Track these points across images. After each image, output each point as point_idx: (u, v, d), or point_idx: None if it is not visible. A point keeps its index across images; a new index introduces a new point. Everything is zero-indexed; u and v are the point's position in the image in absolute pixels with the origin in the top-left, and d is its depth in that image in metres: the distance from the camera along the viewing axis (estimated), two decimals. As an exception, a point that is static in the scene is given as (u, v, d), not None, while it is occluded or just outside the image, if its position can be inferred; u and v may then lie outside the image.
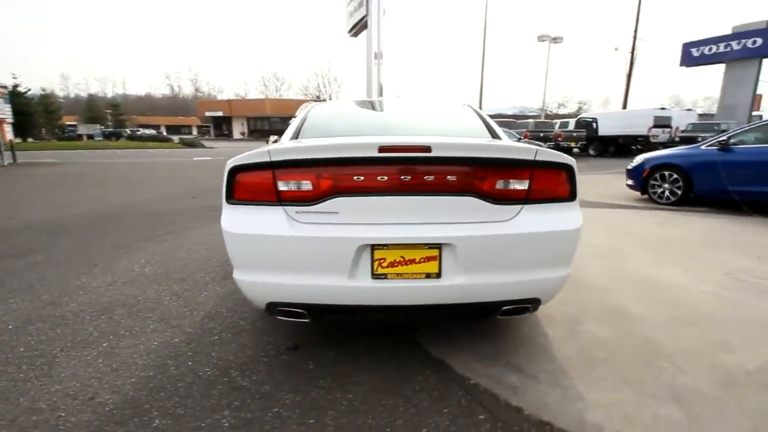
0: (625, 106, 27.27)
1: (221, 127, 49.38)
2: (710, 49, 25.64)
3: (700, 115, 25.31)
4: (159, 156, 17.69)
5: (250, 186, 1.70)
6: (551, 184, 1.72)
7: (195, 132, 60.59)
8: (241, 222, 1.69)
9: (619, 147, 18.72)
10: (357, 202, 1.63)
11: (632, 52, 26.88)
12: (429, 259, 1.62)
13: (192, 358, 1.92)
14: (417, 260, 1.62)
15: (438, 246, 1.61)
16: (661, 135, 18.34)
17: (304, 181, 1.65)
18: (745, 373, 1.71)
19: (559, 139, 16.87)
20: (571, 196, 1.76)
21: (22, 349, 2.02)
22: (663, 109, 19.58)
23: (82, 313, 2.42)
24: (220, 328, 2.23)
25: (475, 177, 1.64)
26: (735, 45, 23.87)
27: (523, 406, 1.52)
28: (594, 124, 19.12)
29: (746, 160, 5.24)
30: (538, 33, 23.94)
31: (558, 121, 20.77)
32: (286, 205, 1.67)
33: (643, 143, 17.86)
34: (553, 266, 1.71)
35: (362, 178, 1.62)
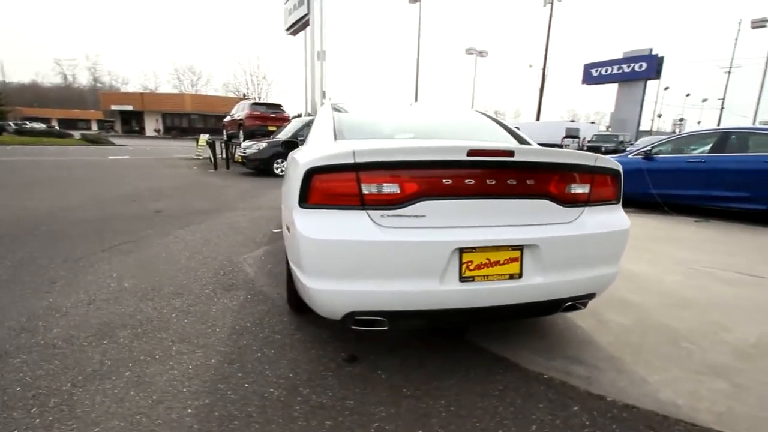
0: (538, 118, 30.28)
1: (130, 123, 44.32)
2: (606, 70, 29.67)
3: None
4: (65, 154, 15.36)
5: (331, 189, 1.60)
6: (605, 188, 1.88)
7: (95, 127, 53.67)
8: (321, 228, 1.57)
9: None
10: (445, 206, 1.62)
11: (544, 70, 29.96)
12: (512, 260, 1.67)
13: (245, 379, 1.74)
14: (501, 262, 1.66)
15: (520, 247, 1.67)
16: (572, 144, 20.76)
17: (389, 184, 1.59)
18: (751, 347, 2.04)
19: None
20: (618, 198, 1.94)
21: (18, 389, 1.64)
22: (572, 121, 22.13)
23: (74, 339, 2.04)
24: (257, 344, 2.04)
25: (549, 181, 1.73)
26: (626, 68, 27.93)
27: (604, 394, 1.64)
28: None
29: (666, 168, 6.16)
30: (466, 46, 25.54)
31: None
32: (370, 209, 1.59)
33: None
34: (609, 263, 1.87)
35: (450, 181, 1.61)
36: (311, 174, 1.61)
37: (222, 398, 1.61)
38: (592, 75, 29.90)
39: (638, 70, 27.29)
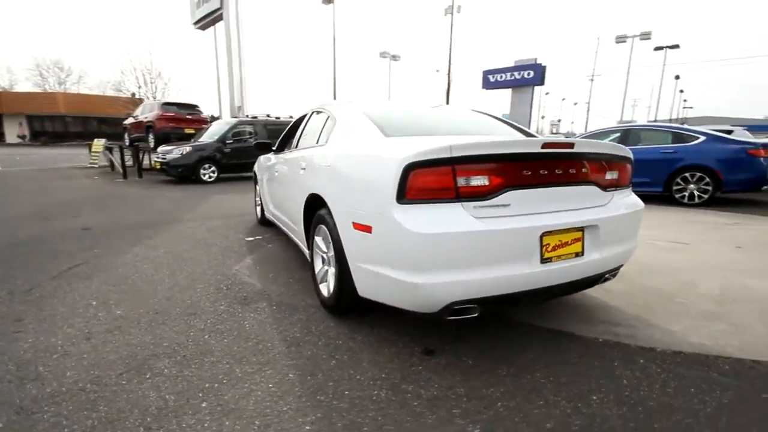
0: (446, 118, 32.42)
1: (-20, 128, 36.11)
2: (501, 77, 32.90)
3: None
4: None
5: (430, 183, 1.62)
6: (625, 174, 2.20)
7: None
8: (425, 222, 1.59)
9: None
10: (525, 194, 1.76)
11: (449, 75, 32.20)
12: (576, 240, 1.87)
13: (340, 387, 1.66)
14: (569, 242, 1.85)
15: (582, 228, 1.88)
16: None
17: (480, 176, 1.68)
18: (719, 296, 2.56)
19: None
20: (630, 183, 2.29)
21: (77, 445, 1.35)
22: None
23: (104, 379, 1.72)
24: (323, 352, 1.95)
25: (595, 169, 1.98)
26: (517, 75, 31.30)
27: (653, 346, 1.95)
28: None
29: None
30: (380, 49, 26.26)
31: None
32: (464, 201, 1.66)
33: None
34: (633, 238, 2.20)
35: (528, 172, 1.76)
36: (409, 169, 1.61)
37: (332, 409, 1.53)
38: (490, 81, 32.75)
39: (527, 78, 30.59)
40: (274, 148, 4.15)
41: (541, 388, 1.65)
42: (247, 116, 11.31)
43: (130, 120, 13.29)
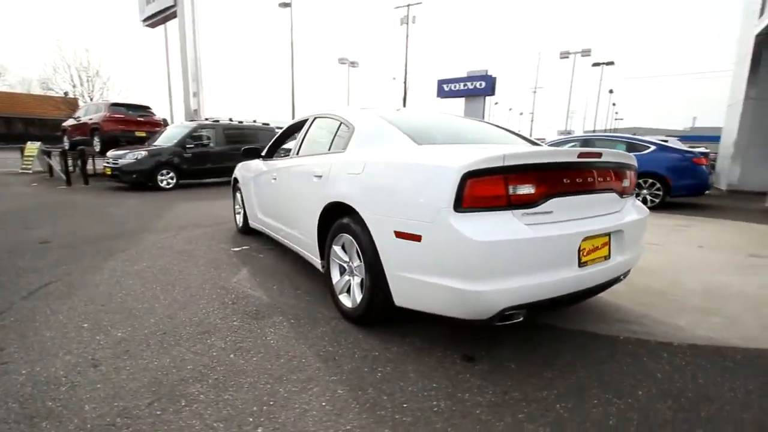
0: (403, 126, 32.99)
1: None
2: (455, 86, 34.10)
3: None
4: None
5: (485, 191, 1.64)
6: (633, 181, 2.36)
7: None
8: (483, 230, 1.61)
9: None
10: (565, 202, 1.83)
11: (405, 83, 32.84)
12: (604, 245, 1.98)
13: (396, 399, 1.62)
14: (599, 247, 1.95)
15: (609, 233, 2.00)
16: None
17: (528, 185, 1.73)
18: (703, 292, 2.83)
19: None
20: (635, 190, 2.47)
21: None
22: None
23: (132, 411, 1.54)
24: (363, 364, 1.89)
25: (615, 177, 2.11)
26: (470, 85, 32.62)
27: (669, 341, 2.10)
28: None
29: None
30: (339, 56, 26.19)
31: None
32: (514, 209, 1.70)
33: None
34: (642, 241, 2.37)
35: (568, 180, 1.84)
36: (466, 178, 1.62)
37: (396, 423, 1.49)
38: (444, 90, 33.79)
39: (479, 88, 31.91)
40: (262, 154, 3.99)
41: (590, 387, 1.72)
42: (206, 119, 10.76)
43: (70, 122, 12.13)
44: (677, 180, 6.46)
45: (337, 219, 2.39)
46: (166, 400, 1.61)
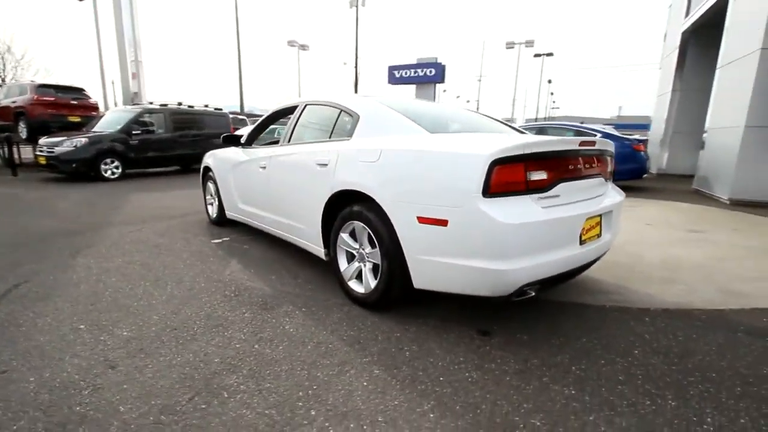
0: (354, 112, 32.74)
1: None
2: (406, 73, 34.30)
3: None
4: None
5: (509, 177, 1.77)
6: (612, 167, 2.63)
7: None
8: (509, 213, 1.74)
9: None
10: (568, 186, 2.02)
11: (356, 68, 32.44)
12: (597, 224, 2.21)
13: (432, 375, 1.73)
14: (594, 226, 2.18)
15: (601, 214, 2.23)
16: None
17: (542, 171, 1.88)
18: (662, 264, 3.23)
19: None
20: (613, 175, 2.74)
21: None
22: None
23: (173, 408, 1.51)
24: (390, 346, 1.97)
25: (603, 163, 2.34)
26: (420, 72, 33.00)
27: (647, 306, 2.40)
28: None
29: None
30: (288, 38, 25.13)
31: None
32: (531, 194, 1.85)
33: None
34: (620, 221, 2.65)
35: (571, 166, 2.02)
36: (494, 165, 1.73)
37: (440, 395, 1.59)
38: (395, 76, 33.81)
39: (429, 75, 32.35)
40: (242, 142, 3.85)
41: (595, 350, 1.94)
42: (150, 104, 9.98)
43: (-15, 104, 10.66)
44: (620, 165, 7.12)
45: (344, 207, 2.42)
46: (207, 394, 1.59)
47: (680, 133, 10.19)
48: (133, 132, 8.58)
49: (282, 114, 3.66)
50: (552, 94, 49.24)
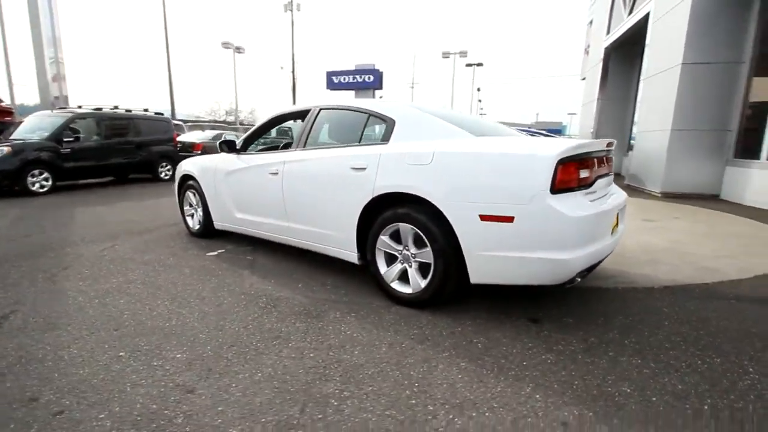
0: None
1: None
2: (344, 79, 34.34)
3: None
4: None
5: (567, 175, 1.96)
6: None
7: None
8: (572, 207, 1.94)
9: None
10: (600, 183, 2.28)
11: (293, 73, 31.81)
12: (616, 217, 2.50)
13: (513, 362, 1.84)
14: (615, 218, 2.46)
15: (619, 208, 2.52)
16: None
17: (587, 170, 2.11)
18: (641, 249, 3.68)
19: (271, 144, 18.21)
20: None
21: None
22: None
23: (297, 421, 1.45)
24: (459, 340, 2.06)
25: (611, 163, 2.65)
26: (359, 78, 33.31)
27: (652, 285, 2.76)
28: (290, 132, 21.76)
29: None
30: (222, 40, 23.84)
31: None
32: (580, 190, 2.07)
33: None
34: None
35: (601, 165, 2.28)
36: (558, 164, 1.90)
37: (532, 377, 1.71)
38: (334, 82, 33.84)
39: (368, 81, 32.85)
40: (237, 148, 3.67)
41: (634, 324, 2.20)
42: (79, 107, 8.96)
43: None
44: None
45: (383, 210, 2.46)
46: (315, 404, 1.54)
47: (605, 137, 11.52)
48: (65, 139, 7.63)
49: (283, 119, 3.56)
50: (480, 101, 52.46)
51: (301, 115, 3.31)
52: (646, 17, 7.95)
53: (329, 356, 1.90)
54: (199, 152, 11.08)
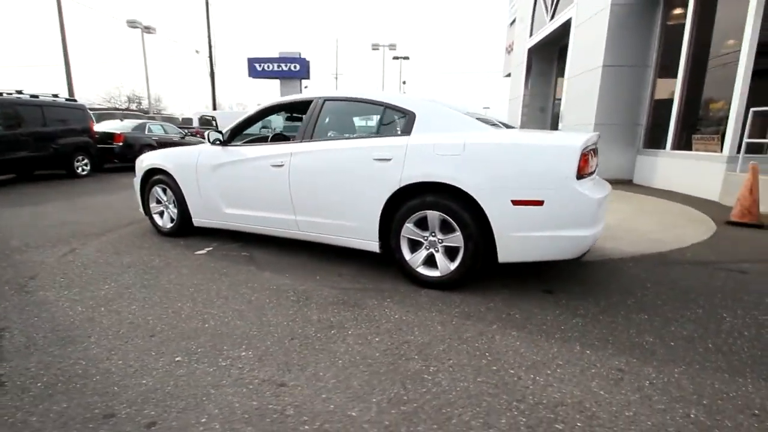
0: (214, 107, 29.87)
1: None
2: (268, 67, 32.67)
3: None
4: None
5: (585, 164, 2.28)
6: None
7: None
8: (591, 191, 2.26)
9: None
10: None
11: (210, 57, 29.47)
12: (602, 197, 2.92)
13: (563, 333, 2.12)
14: (602, 199, 2.88)
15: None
16: (269, 133, 22.46)
17: (593, 159, 2.45)
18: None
19: (197, 135, 16.74)
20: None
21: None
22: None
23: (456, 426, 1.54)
24: (504, 314, 2.28)
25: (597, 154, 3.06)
26: (284, 66, 31.94)
27: (623, 257, 3.26)
28: (214, 123, 20.26)
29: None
30: (128, 18, 21.06)
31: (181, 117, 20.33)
32: (589, 176, 2.40)
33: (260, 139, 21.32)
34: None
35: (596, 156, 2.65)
36: (582, 154, 2.20)
37: (569, 338, 2.00)
38: (257, 69, 32.25)
39: (294, 70, 31.90)
40: (222, 140, 3.46)
41: (629, 289, 2.63)
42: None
43: None
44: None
45: (409, 199, 2.58)
46: (412, 380, 1.64)
47: (530, 129, 12.80)
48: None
49: (278, 110, 3.45)
50: (405, 93, 53.92)
51: (299, 105, 3.25)
52: (568, 23, 8.95)
53: (394, 339, 1.99)
54: (121, 144, 9.87)
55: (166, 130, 11.86)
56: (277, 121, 11.66)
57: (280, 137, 4.14)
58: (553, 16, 10.03)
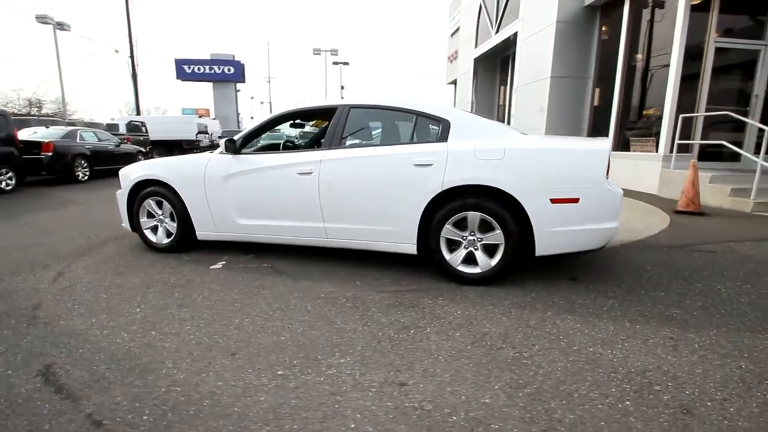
0: (138, 112, 27.41)
1: None
2: (199, 69, 30.81)
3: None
4: None
5: (609, 165, 2.60)
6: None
7: None
8: (615, 188, 2.59)
9: (171, 151, 19.58)
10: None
11: (132, 58, 27.02)
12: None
13: (594, 311, 2.40)
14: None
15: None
16: (204, 140, 21.11)
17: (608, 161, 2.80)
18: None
19: (128, 142, 15.27)
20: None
21: None
22: (201, 117, 22.25)
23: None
24: (549, 301, 2.51)
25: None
26: (217, 69, 30.32)
27: (612, 245, 3.71)
28: (143, 128, 18.65)
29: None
30: (38, 12, 18.42)
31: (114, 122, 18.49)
32: (608, 176, 2.75)
33: (195, 147, 19.99)
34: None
35: (605, 155, 3.03)
36: (609, 157, 2.51)
37: (611, 318, 2.29)
38: (186, 72, 30.44)
39: (228, 73, 30.63)
40: (236, 148, 3.33)
41: (636, 272, 3.02)
42: None
43: None
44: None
45: (449, 202, 2.74)
46: (517, 365, 1.79)
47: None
48: None
49: (298, 116, 3.41)
50: (343, 98, 53.97)
51: (322, 112, 3.25)
52: (514, 36, 9.76)
53: (472, 332, 2.12)
54: (50, 154, 8.74)
55: (100, 138, 10.75)
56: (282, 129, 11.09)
57: (290, 145, 4.07)
58: (498, 29, 10.84)
